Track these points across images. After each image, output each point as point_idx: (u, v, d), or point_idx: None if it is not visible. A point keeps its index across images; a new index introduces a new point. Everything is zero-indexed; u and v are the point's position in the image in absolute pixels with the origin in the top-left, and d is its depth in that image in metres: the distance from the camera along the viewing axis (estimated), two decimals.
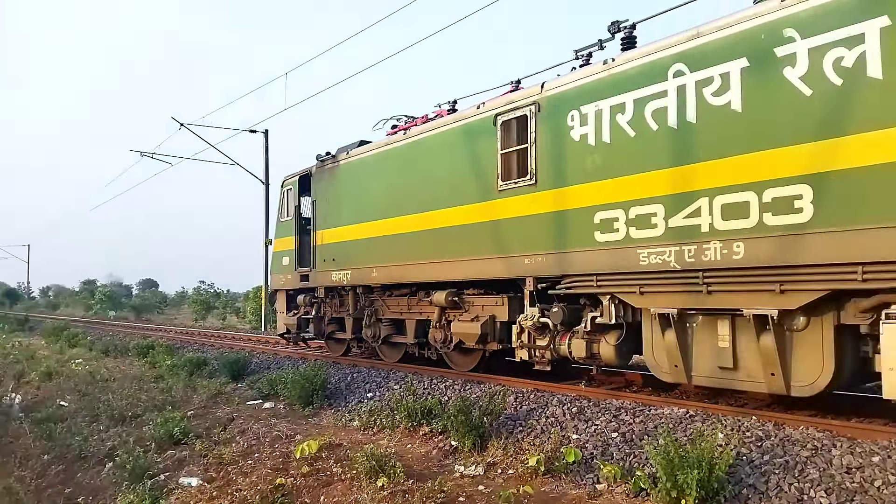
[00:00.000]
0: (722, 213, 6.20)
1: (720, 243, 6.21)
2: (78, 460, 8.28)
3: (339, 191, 12.07)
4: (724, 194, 6.20)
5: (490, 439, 6.44)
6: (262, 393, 10.42)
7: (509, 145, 8.51)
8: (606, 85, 7.36)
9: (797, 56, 5.71)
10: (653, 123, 6.84)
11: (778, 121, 5.85)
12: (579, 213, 7.53)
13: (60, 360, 17.29)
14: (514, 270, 8.38)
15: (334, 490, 5.81)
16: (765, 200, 5.89)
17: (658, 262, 6.69)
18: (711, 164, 6.33)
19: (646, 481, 4.88)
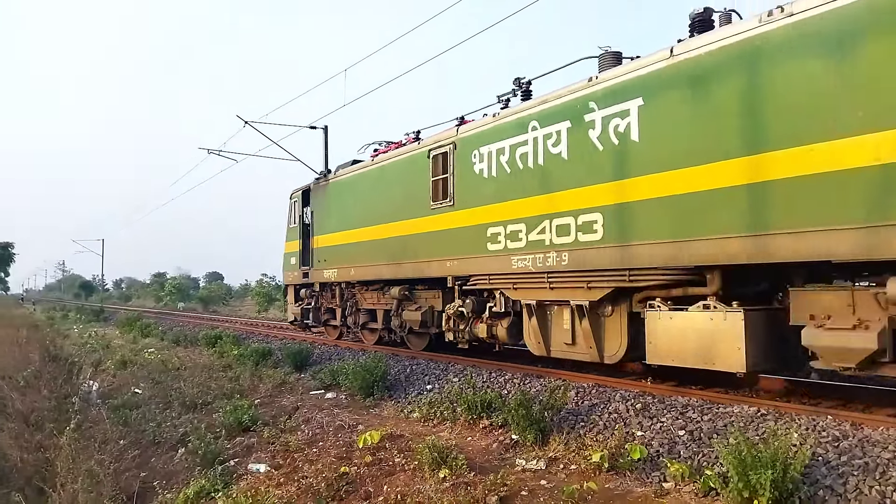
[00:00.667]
0: (556, 231, 8.58)
1: (555, 253, 8.58)
2: (152, 445, 8.65)
3: (328, 204, 15.00)
4: (557, 218, 8.56)
5: (551, 434, 6.39)
6: (325, 383, 10.64)
7: (437, 174, 10.92)
8: (494, 132, 9.77)
9: (595, 122, 8.06)
10: (520, 163, 9.23)
11: (585, 167, 8.20)
12: (478, 229, 9.92)
13: (134, 349, 18.10)
14: (441, 271, 10.77)
15: (397, 480, 5.87)
16: (579, 223, 8.24)
17: (522, 266, 9.11)
18: (551, 196, 8.67)
19: (716, 481, 4.74)
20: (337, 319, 15.25)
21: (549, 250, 8.69)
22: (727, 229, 6.56)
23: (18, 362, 13.49)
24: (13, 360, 14.06)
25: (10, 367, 13.04)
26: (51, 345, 17.34)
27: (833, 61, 5.78)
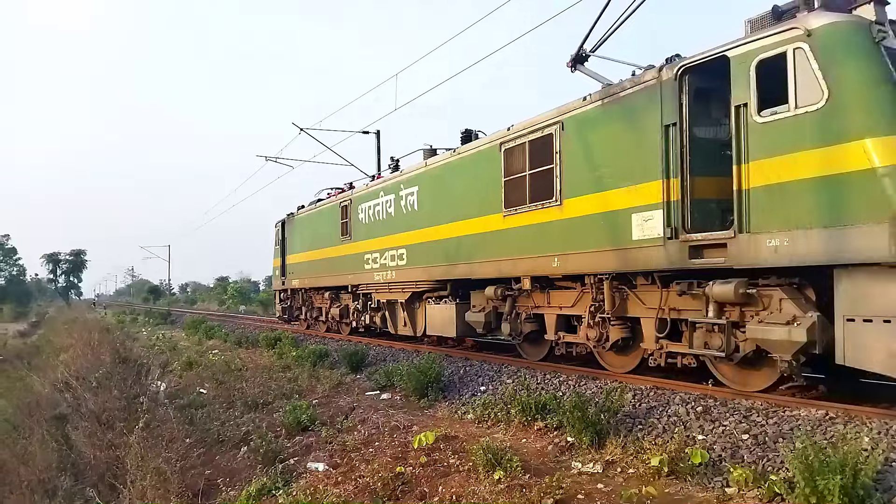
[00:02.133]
0: (389, 258, 14.16)
1: (390, 271, 14.18)
2: (216, 444, 8.93)
3: (294, 232, 21.28)
4: (389, 251, 14.22)
5: (608, 437, 6.28)
6: (380, 384, 10.75)
7: (343, 218, 16.87)
8: (366, 195, 15.62)
9: (403, 196, 13.62)
10: (376, 216, 15.00)
11: (399, 222, 13.82)
12: (360, 255, 15.68)
13: (199, 350, 18.74)
14: (346, 282, 16.73)
15: (452, 481, 5.89)
16: (398, 254, 13.86)
17: (379, 278, 14.73)
18: (388, 237, 14.29)
19: (781, 486, 4.57)
20: (303, 315, 21.47)
21: (388, 270, 14.35)
22: (455, 260, 11.73)
23: (91, 364, 14.15)
24: (86, 362, 14.76)
25: (84, 368, 13.71)
26: (121, 347, 18.12)
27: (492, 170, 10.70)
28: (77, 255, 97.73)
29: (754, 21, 7.24)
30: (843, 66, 6.15)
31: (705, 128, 7.68)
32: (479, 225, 11.03)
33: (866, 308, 5.92)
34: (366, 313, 16.07)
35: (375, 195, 14.99)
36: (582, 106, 8.93)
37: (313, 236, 19.23)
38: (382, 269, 14.52)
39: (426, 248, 12.69)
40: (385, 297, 14.87)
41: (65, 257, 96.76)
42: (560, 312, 9.88)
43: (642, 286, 8.45)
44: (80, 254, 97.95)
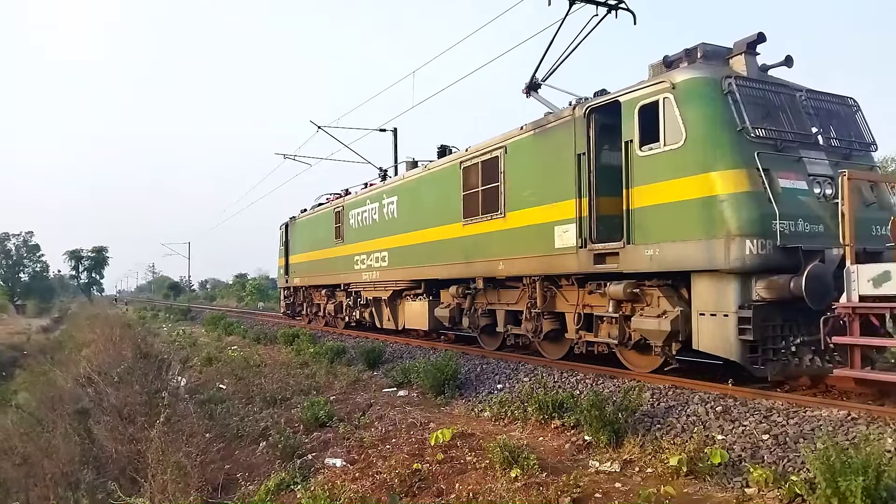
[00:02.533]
0: (374, 260, 15.86)
1: (375, 272, 15.81)
2: (235, 439, 9.02)
3: (295, 235, 23.62)
4: (374, 253, 15.90)
5: (626, 436, 6.24)
6: (397, 381, 10.79)
7: (337, 223, 18.83)
8: (355, 203, 17.52)
9: (385, 204, 15.45)
10: (363, 221, 16.81)
11: (381, 228, 15.64)
12: (351, 257, 17.48)
13: (218, 346, 18.94)
14: (339, 280, 18.80)
15: (469, 478, 5.89)
16: (381, 256, 15.52)
17: (366, 278, 16.42)
18: (373, 241, 16.05)
19: (802, 487, 4.52)
20: (304, 310, 23.72)
21: (373, 270, 16.05)
22: (427, 262, 13.42)
23: (113, 359, 14.35)
24: (108, 357, 14.97)
25: (106, 363, 13.90)
26: (142, 343, 18.32)
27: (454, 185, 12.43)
28: (99, 252, 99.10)
29: (655, 66, 8.86)
30: (696, 113, 7.66)
31: (608, 156, 9.17)
32: (444, 232, 12.83)
33: (703, 304, 7.62)
34: (356, 309, 18.24)
35: (363, 203, 17.02)
36: (520, 134, 10.57)
37: (312, 238, 21.40)
38: (369, 270, 16.36)
39: (404, 251, 14.52)
40: (371, 295, 16.87)
41: (87, 254, 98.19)
42: (507, 308, 11.52)
43: (565, 286, 10.06)
44: (102, 250, 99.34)
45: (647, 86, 8.28)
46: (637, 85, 8.48)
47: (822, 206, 7.61)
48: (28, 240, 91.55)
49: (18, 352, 34.54)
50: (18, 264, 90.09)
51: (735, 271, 7.22)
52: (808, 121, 8.21)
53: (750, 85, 7.93)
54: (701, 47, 8.51)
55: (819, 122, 8.33)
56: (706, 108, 7.66)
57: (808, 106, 8.34)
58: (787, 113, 8.06)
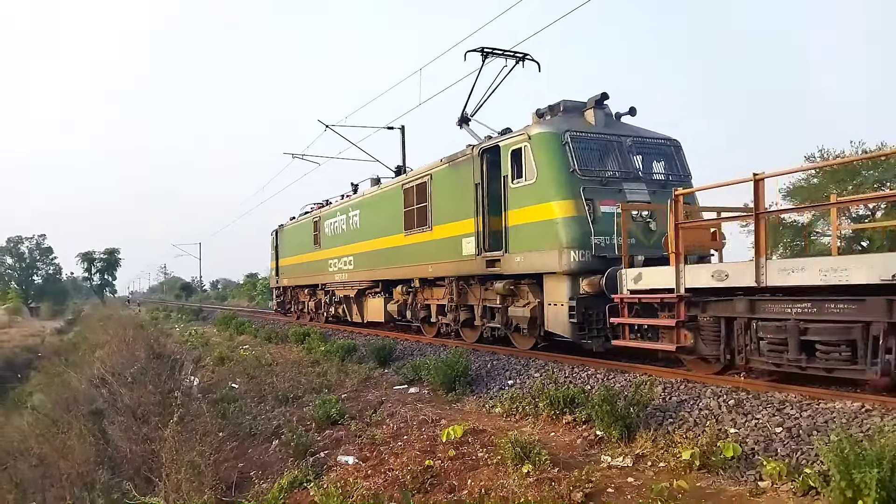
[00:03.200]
0: (343, 264, 18.84)
1: (344, 273, 18.78)
2: (248, 437, 9.08)
3: (283, 240, 26.84)
4: (344, 257, 18.81)
5: (638, 430, 6.23)
6: (408, 378, 10.81)
7: (315, 231, 21.80)
8: (329, 214, 20.46)
9: (350, 216, 18.51)
10: (335, 230, 19.77)
11: (348, 235, 18.69)
12: (326, 260, 20.17)
13: (230, 346, 19.03)
14: (317, 280, 21.74)
15: (480, 474, 5.90)
16: (347, 261, 18.46)
17: (338, 279, 19.34)
18: (342, 247, 19.01)
19: (816, 479, 4.49)
20: (292, 308, 26.72)
21: (343, 272, 18.84)
22: (381, 265, 16.02)
23: (126, 360, 14.47)
24: (121, 358, 15.09)
25: (119, 364, 14.02)
26: (155, 343, 18.45)
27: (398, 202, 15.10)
28: (111, 254, 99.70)
29: (534, 114, 11.80)
30: (543, 158, 10.38)
31: (494, 186, 11.56)
32: (392, 241, 15.60)
33: (550, 297, 10.35)
34: (332, 305, 21.13)
35: (335, 214, 20.06)
36: (440, 165, 13.44)
37: (297, 244, 24.57)
38: (340, 272, 19.30)
39: (365, 256, 17.37)
40: (342, 293, 19.73)
41: (99, 256, 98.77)
42: (437, 303, 14.21)
43: (473, 285, 12.73)
44: (114, 252, 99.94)
45: (516, 136, 11.07)
46: (510, 134, 11.31)
47: (635, 225, 9.96)
48: (41, 242, 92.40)
49: (33, 354, 34.89)
50: (32, 267, 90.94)
51: (566, 273, 9.91)
52: (632, 160, 10.85)
53: (583, 137, 10.62)
54: (563, 103, 11.41)
55: (641, 161, 11.01)
56: (549, 155, 10.38)
57: (633, 148, 11.00)
58: (615, 154, 10.77)
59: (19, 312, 63.95)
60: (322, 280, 21.22)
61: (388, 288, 16.57)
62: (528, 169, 10.62)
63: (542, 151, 10.43)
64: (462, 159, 12.53)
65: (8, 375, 28.24)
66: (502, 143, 11.28)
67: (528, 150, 10.62)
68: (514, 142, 11.01)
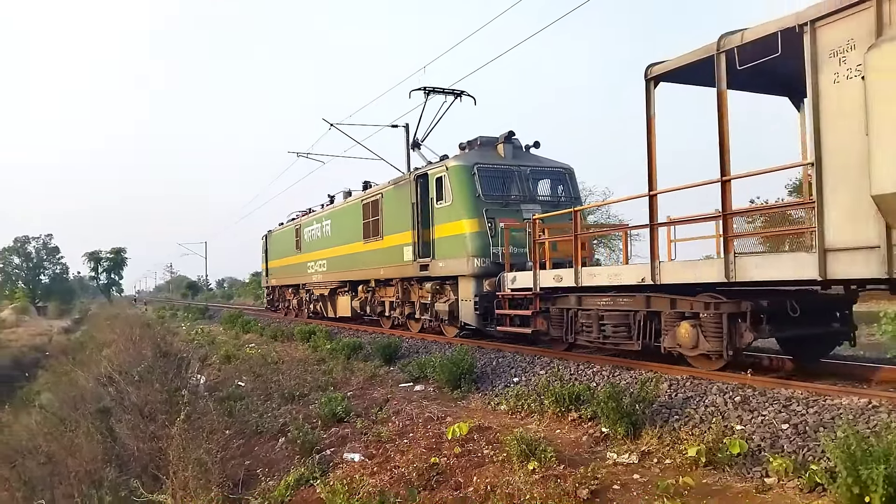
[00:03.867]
0: (318, 266, 22.25)
1: (319, 275, 22.24)
2: (255, 435, 9.11)
3: (272, 244, 30.34)
4: (319, 261, 22.15)
5: (643, 427, 6.22)
6: (413, 376, 10.82)
7: (296, 237, 25.39)
8: (308, 222, 24.07)
9: (324, 225, 21.95)
10: (312, 236, 23.25)
11: (322, 242, 22.05)
12: (304, 263, 23.86)
13: (236, 344, 19.09)
14: (300, 281, 24.98)
15: (486, 471, 5.91)
16: (321, 264, 21.91)
17: (315, 280, 22.80)
18: (318, 252, 22.35)
19: (823, 476, 4.48)
20: (281, 306, 30.04)
21: (319, 274, 21.85)
22: (347, 269, 19.11)
23: (133, 358, 14.52)
24: (128, 356, 15.15)
25: (126, 363, 14.07)
26: (162, 342, 18.51)
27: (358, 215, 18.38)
28: (117, 253, 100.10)
29: (459, 146, 14.70)
30: (456, 186, 13.24)
31: (425, 205, 14.54)
32: (354, 248, 18.72)
33: (462, 295, 13.20)
34: (311, 303, 24.26)
35: (312, 223, 23.58)
36: (389, 186, 16.55)
37: (283, 248, 27.96)
38: (316, 273, 22.66)
39: (335, 260, 20.54)
40: (319, 292, 22.96)
41: (105, 255, 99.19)
42: (389, 300, 17.05)
43: (413, 285, 15.66)
44: (121, 252, 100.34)
45: (438, 166, 14.06)
46: (435, 164, 14.36)
47: (527, 238, 11.76)
48: (48, 242, 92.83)
49: (41, 353, 35.05)
50: (39, 266, 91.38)
51: (473, 276, 12.76)
52: (530, 185, 13.81)
53: (488, 167, 13.55)
54: (479, 139, 14.38)
55: (538, 186, 14.00)
56: (461, 183, 13.28)
57: (531, 176, 13.96)
58: (516, 180, 13.71)
59: (27, 312, 64.30)
60: (303, 280, 24.61)
61: (353, 287, 19.56)
62: (446, 193, 13.58)
63: (456, 180, 13.36)
64: (403, 182, 15.68)
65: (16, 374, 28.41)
66: (429, 172, 14.33)
67: (446, 179, 13.54)
68: (437, 171, 14.01)
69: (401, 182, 15.77)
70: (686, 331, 8.15)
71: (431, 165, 14.49)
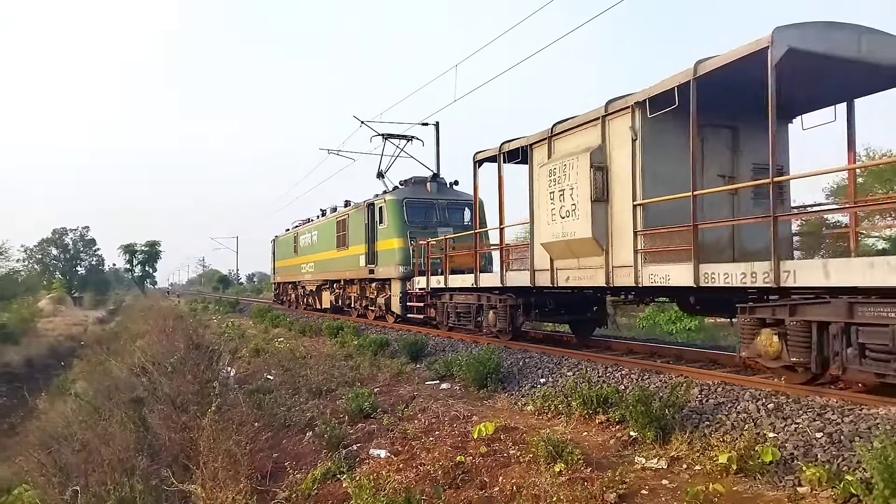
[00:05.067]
0: (309, 267, 28.12)
1: (310, 275, 28.03)
2: (283, 428, 9.20)
3: (277, 248, 36.38)
4: (309, 263, 28.15)
5: (673, 432, 6.14)
6: (439, 374, 10.84)
7: (295, 244, 31.00)
8: (304, 231, 29.41)
9: (314, 234, 27.53)
10: (306, 243, 28.75)
11: (313, 248, 27.50)
12: (299, 265, 30.01)
13: (266, 338, 19.33)
14: (297, 278, 31.10)
15: (512, 472, 5.89)
16: (311, 266, 27.69)
17: (306, 278, 28.84)
18: (310, 255, 27.89)
19: (858, 486, 4.38)
20: (284, 299, 35.92)
21: (308, 274, 27.91)
22: (326, 270, 25.14)
23: (166, 350, 14.80)
24: (161, 347, 15.45)
25: (159, 354, 14.35)
26: (194, 334, 18.85)
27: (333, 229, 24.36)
28: (152, 246, 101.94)
29: (401, 182, 20.23)
30: (390, 214, 18.64)
31: (373, 225, 19.49)
32: (331, 254, 24.24)
33: (393, 292, 18.61)
34: (305, 297, 30.03)
35: (304, 232, 29.17)
36: (353, 209, 21.89)
37: (285, 251, 33.71)
38: (307, 274, 28.52)
39: (319, 263, 26.21)
40: (309, 288, 28.80)
41: (140, 248, 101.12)
42: (353, 295, 22.58)
43: (367, 284, 20.97)
44: (155, 245, 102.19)
45: (380, 199, 19.39)
46: (378, 197, 19.71)
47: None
48: (84, 234, 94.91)
49: (76, 342, 35.96)
50: (75, 258, 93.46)
51: (398, 279, 17.91)
52: (445, 213, 18.96)
53: (414, 201, 18.77)
54: (414, 178, 19.73)
55: (449, 214, 19.11)
56: (393, 212, 18.55)
57: (447, 206, 19.16)
58: (435, 210, 18.95)
59: (63, 302, 65.88)
60: (298, 278, 30.58)
61: (331, 285, 25.24)
62: (385, 218, 19.00)
63: (390, 210, 18.79)
64: (361, 207, 21.00)
65: (52, 363, 29.21)
66: (375, 202, 19.81)
67: (385, 208, 19.00)
68: (379, 202, 19.51)
69: (360, 207, 21.15)
70: (492, 316, 13.08)
71: (377, 197, 19.90)
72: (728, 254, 9.28)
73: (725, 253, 9.27)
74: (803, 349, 6.88)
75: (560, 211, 10.25)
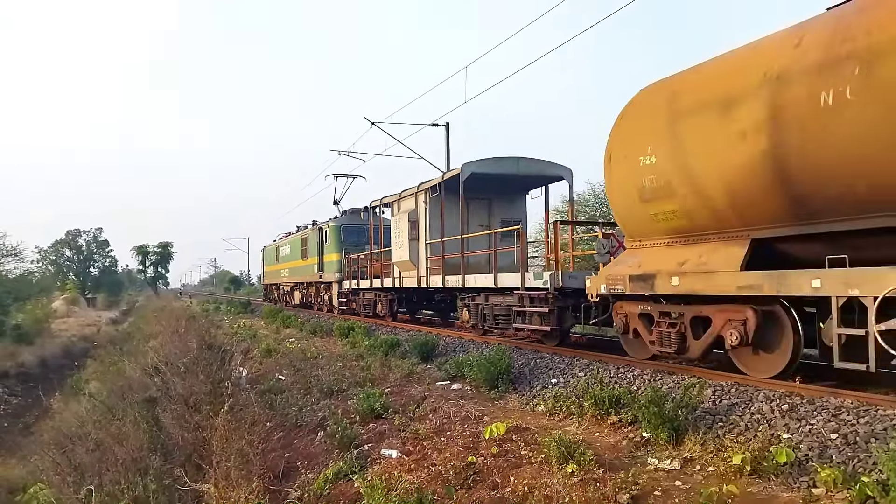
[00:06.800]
0: (286, 272, 36.34)
1: (286, 279, 36.55)
2: (294, 428, 9.24)
3: (266, 255, 44.72)
4: (287, 268, 35.88)
5: (686, 433, 6.10)
6: (450, 374, 10.83)
7: (276, 253, 39.35)
8: (284, 243, 37.22)
9: (292, 245, 34.72)
10: (284, 252, 36.76)
11: (290, 256, 34.95)
12: (279, 270, 38.29)
13: (277, 338, 19.42)
14: (277, 282, 40.24)
15: (524, 472, 5.88)
16: (289, 271, 35.35)
17: (284, 280, 37.25)
18: (288, 263, 35.54)
19: (874, 488, 4.33)
20: (275, 299, 40.95)
21: (286, 278, 36.26)
22: (295, 275, 33.74)
23: (179, 350, 14.90)
24: (174, 348, 15.56)
25: (172, 354, 14.46)
26: (206, 334, 18.96)
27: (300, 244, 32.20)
28: (164, 247, 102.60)
29: (348, 210, 28.51)
30: (332, 236, 26.77)
31: (322, 242, 27.85)
32: (298, 263, 31.80)
33: (334, 292, 26.59)
34: (285, 295, 37.35)
35: (283, 245, 36.45)
36: (310, 230, 29.76)
37: (270, 259, 41.05)
38: (284, 277, 36.08)
39: (292, 269, 33.41)
40: (286, 289, 36.76)
41: (153, 249, 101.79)
42: (313, 294, 30.63)
43: (321, 287, 29.01)
44: (167, 246, 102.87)
45: (326, 223, 27.63)
46: (325, 222, 28.12)
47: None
48: (98, 235, 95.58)
49: (90, 343, 36.31)
50: (89, 259, 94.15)
51: (337, 282, 25.65)
52: (371, 235, 21.75)
53: (348, 226, 26.24)
54: (351, 209, 27.45)
55: (366, 236, 23.09)
56: (334, 235, 26.45)
57: (365, 230, 23.32)
58: (364, 233, 23.87)
59: (77, 303, 66.47)
60: (280, 281, 38.26)
61: (300, 286, 33.06)
62: (329, 238, 26.55)
63: (331, 233, 26.34)
64: (315, 228, 28.69)
65: (66, 363, 29.50)
66: (323, 227, 27.50)
67: (328, 231, 26.63)
68: (325, 227, 27.12)
69: (314, 227, 28.94)
70: (381, 304, 20.54)
71: (325, 223, 27.67)
72: (486, 269, 14.73)
73: (484, 269, 14.96)
74: (475, 316, 14.13)
75: (398, 243, 17.63)
